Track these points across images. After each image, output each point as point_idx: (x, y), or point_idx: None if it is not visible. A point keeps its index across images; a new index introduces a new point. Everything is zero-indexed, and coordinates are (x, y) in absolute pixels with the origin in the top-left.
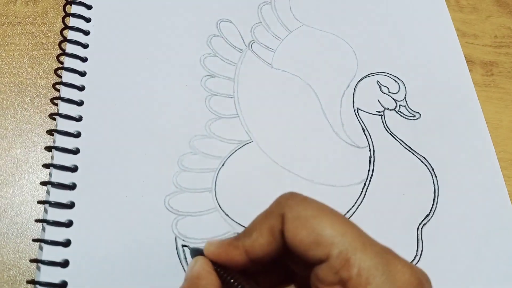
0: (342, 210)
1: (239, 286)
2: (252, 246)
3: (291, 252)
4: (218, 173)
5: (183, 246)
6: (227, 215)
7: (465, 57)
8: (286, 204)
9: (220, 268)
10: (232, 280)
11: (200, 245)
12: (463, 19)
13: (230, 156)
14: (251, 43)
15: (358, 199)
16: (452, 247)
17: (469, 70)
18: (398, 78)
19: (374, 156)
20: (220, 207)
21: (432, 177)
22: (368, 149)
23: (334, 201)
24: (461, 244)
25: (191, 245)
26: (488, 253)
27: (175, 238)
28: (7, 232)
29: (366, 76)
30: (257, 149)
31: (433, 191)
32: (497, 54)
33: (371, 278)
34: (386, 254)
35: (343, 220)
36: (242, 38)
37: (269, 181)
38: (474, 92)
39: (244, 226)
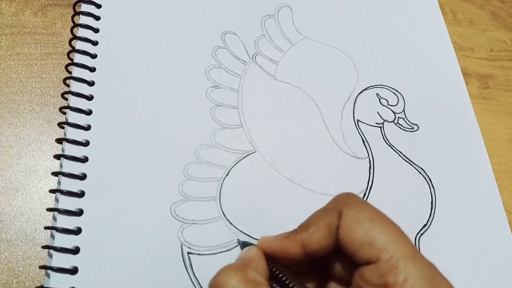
0: None
1: (287, 281)
2: (309, 240)
3: (341, 250)
4: (222, 182)
5: (188, 253)
6: (231, 223)
7: (461, 70)
8: (345, 203)
9: (270, 261)
10: (280, 275)
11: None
12: (460, 33)
13: (234, 165)
14: (255, 55)
15: None
16: (448, 256)
17: (465, 82)
18: (397, 91)
19: (373, 167)
20: (224, 215)
21: (430, 187)
22: (368, 160)
23: None
24: (457, 253)
25: (241, 239)
26: (483, 262)
27: (181, 245)
28: (17, 239)
29: (366, 89)
30: (260, 159)
31: (430, 201)
32: (493, 68)
33: None
34: (433, 270)
35: (397, 229)
36: (246, 50)
37: (272, 191)
38: (470, 104)
39: (247, 235)
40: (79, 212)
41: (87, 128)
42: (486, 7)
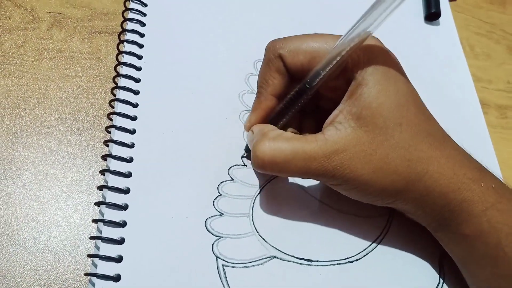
0: (369, 239)
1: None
2: (273, 89)
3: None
4: (254, 200)
5: (223, 266)
6: (263, 238)
7: (480, 101)
8: (279, 47)
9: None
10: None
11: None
12: (478, 66)
13: (265, 185)
14: None
15: (384, 229)
16: None
17: (484, 112)
18: None
19: None
20: (257, 231)
21: None
22: None
23: (361, 230)
24: None
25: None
26: None
27: (216, 258)
28: (62, 247)
29: None
30: (289, 179)
31: None
32: (511, 99)
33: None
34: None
35: (334, 36)
36: None
37: (300, 208)
38: (487, 133)
39: (279, 250)
40: (123, 224)
41: (131, 146)
42: (503, 41)
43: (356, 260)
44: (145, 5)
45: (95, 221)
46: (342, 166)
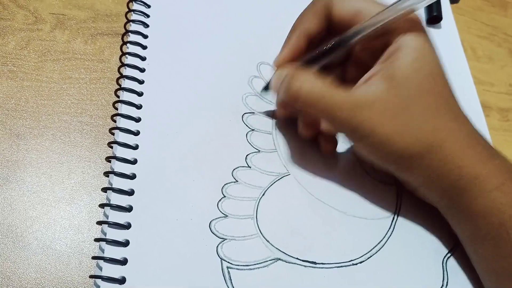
0: (373, 241)
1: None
2: (309, 32)
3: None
4: (259, 202)
5: (228, 268)
6: (267, 241)
7: (482, 103)
8: None
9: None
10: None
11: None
12: (480, 68)
13: (269, 187)
14: None
15: (388, 231)
16: (476, 278)
17: (486, 115)
18: None
19: (401, 193)
20: (261, 233)
21: None
22: (395, 187)
23: (365, 232)
24: None
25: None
26: None
27: (221, 260)
28: (67, 249)
29: None
30: (294, 181)
31: None
32: None
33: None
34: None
35: (381, 3)
36: None
37: (305, 211)
38: (489, 136)
39: (283, 252)
40: (128, 226)
41: (135, 147)
42: (504, 44)
43: (361, 262)
44: (148, 6)
45: (99, 223)
46: (366, 120)
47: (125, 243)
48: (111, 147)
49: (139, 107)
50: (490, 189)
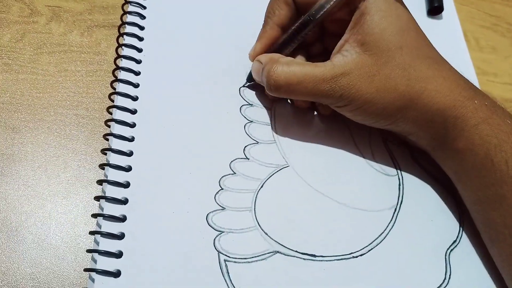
0: (374, 233)
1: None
2: (279, 18)
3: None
4: (257, 194)
5: (225, 261)
6: (266, 233)
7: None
8: None
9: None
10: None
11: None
12: (483, 59)
13: (268, 178)
14: None
15: (389, 223)
16: (478, 272)
17: None
18: None
19: (403, 184)
20: (259, 225)
21: (457, 205)
22: (397, 178)
23: (366, 224)
24: (487, 269)
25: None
26: None
27: (218, 253)
28: (62, 244)
29: None
30: (293, 173)
31: (458, 218)
32: None
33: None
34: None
35: None
36: None
37: (304, 203)
38: None
39: (282, 244)
40: (123, 218)
41: (131, 139)
42: (508, 34)
43: (361, 255)
44: None
45: (94, 215)
46: (348, 86)
47: (120, 236)
48: (107, 139)
49: (135, 98)
50: (474, 124)
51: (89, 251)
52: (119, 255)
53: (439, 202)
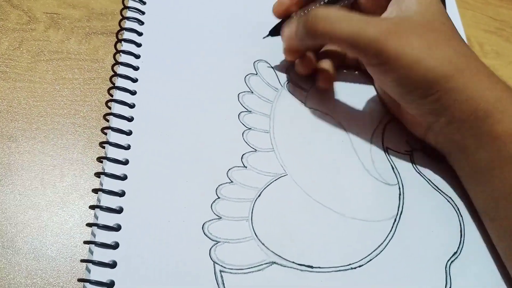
0: (374, 244)
1: None
2: None
3: None
4: (254, 203)
5: (221, 271)
6: (262, 243)
7: None
8: None
9: None
10: None
11: None
12: (488, 64)
13: (266, 187)
14: (286, 83)
15: (389, 234)
16: (479, 284)
17: None
18: None
19: (403, 193)
20: (256, 235)
21: (458, 216)
22: (398, 187)
23: (365, 235)
24: (487, 281)
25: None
26: None
27: (214, 264)
28: (58, 255)
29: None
30: (291, 182)
31: (459, 230)
32: None
33: None
34: None
35: None
36: (278, 78)
37: (303, 213)
38: None
39: (278, 255)
40: (117, 228)
41: (127, 147)
42: None
43: (360, 266)
44: (144, 3)
45: (89, 225)
46: (394, 41)
47: (115, 246)
48: (103, 147)
49: (132, 106)
50: None
51: (83, 261)
52: (113, 265)
53: (440, 213)
